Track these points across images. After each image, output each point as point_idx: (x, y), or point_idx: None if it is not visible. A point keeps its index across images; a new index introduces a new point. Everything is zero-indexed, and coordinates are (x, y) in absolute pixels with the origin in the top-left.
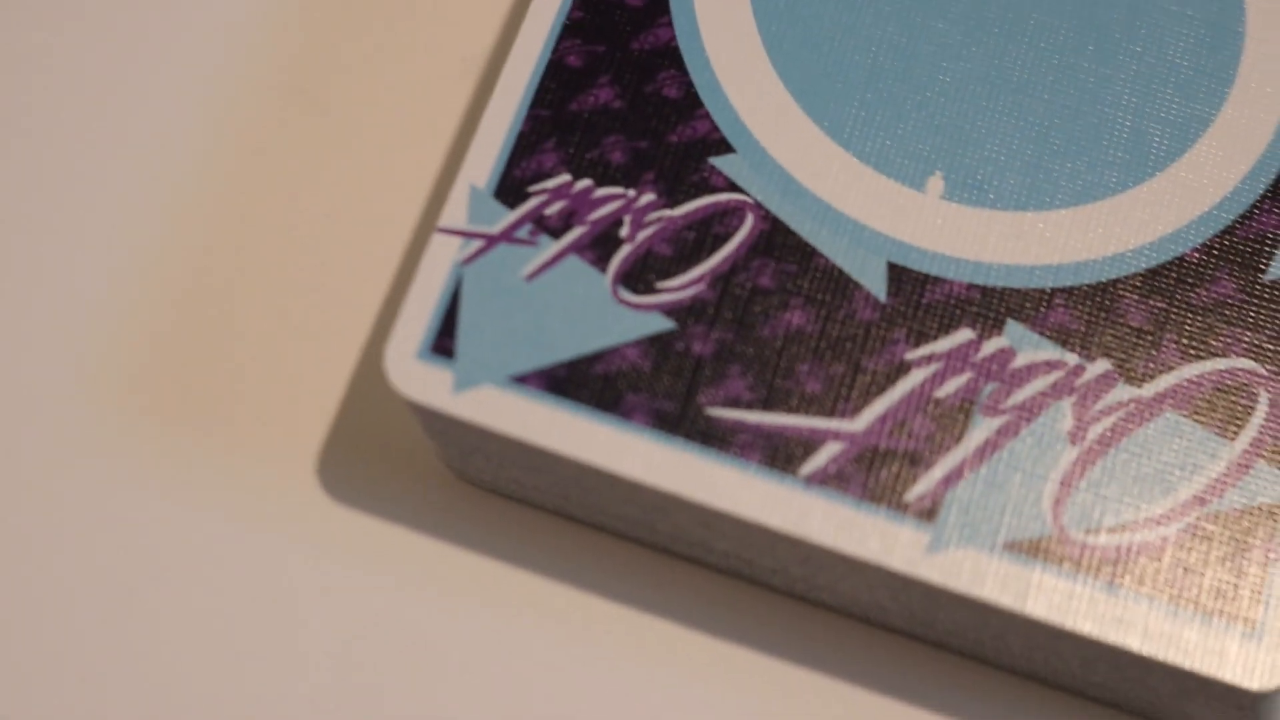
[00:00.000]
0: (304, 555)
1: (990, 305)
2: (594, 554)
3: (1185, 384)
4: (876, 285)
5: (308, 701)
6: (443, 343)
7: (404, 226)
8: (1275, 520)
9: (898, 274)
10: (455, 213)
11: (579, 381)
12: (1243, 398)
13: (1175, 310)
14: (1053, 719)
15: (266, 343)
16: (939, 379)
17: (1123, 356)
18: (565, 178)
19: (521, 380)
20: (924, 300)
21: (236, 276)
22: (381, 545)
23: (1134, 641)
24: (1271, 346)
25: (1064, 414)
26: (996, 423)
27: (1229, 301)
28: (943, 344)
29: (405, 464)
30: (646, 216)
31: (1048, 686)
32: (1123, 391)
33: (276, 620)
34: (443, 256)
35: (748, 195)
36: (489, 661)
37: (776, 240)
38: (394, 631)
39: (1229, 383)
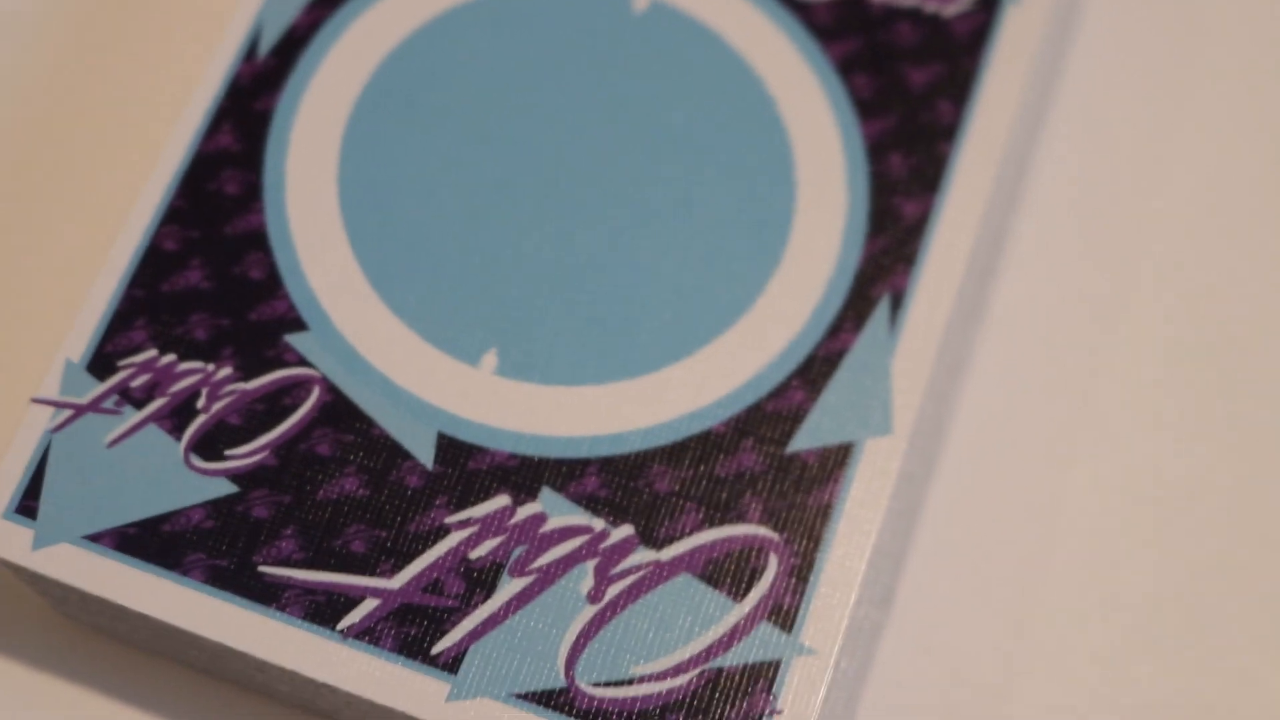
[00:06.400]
0: None
1: (528, 473)
2: (185, 691)
3: (702, 548)
4: (425, 454)
5: None
6: (27, 503)
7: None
8: (772, 676)
9: (446, 444)
10: (50, 385)
11: (147, 540)
12: (754, 561)
13: (699, 480)
14: None
15: None
16: (474, 541)
17: (645, 522)
18: (152, 352)
19: (95, 538)
20: (468, 468)
21: None
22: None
23: None
24: (786, 514)
25: (586, 575)
26: (523, 583)
27: (751, 472)
28: (480, 509)
29: (20, 608)
30: (222, 389)
31: None
32: (642, 555)
33: None
34: (36, 424)
35: (316, 370)
36: None
37: (339, 412)
38: None
39: (743, 548)
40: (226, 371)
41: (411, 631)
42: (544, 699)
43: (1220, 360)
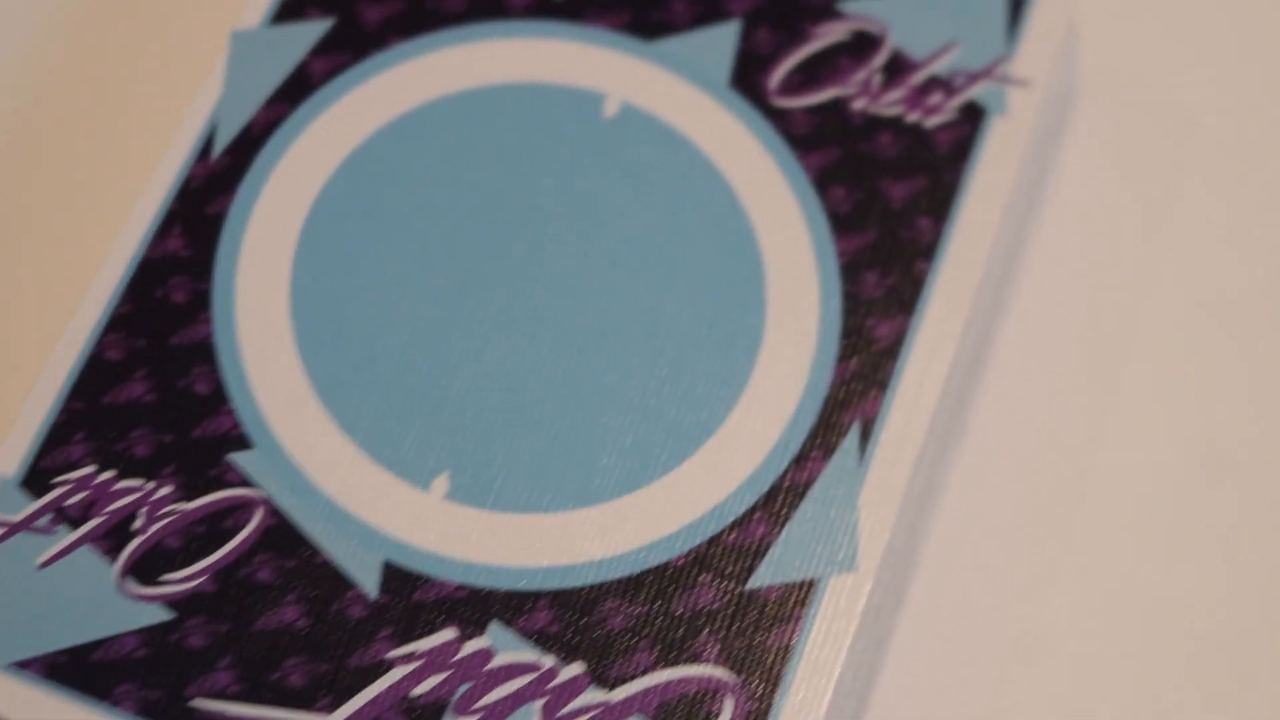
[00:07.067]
0: None
1: (476, 606)
2: None
3: (655, 689)
4: (370, 583)
5: None
6: None
7: None
8: None
9: (392, 572)
10: None
11: (76, 669)
12: (709, 705)
13: (654, 616)
14: None
15: None
16: (417, 677)
17: (597, 660)
18: (90, 469)
19: (23, 666)
20: (414, 599)
21: None
22: None
23: None
24: (744, 655)
25: (533, 715)
26: None
27: (708, 609)
28: (425, 643)
29: None
30: (161, 509)
31: None
32: (592, 695)
33: None
34: None
35: (260, 491)
36: None
37: (282, 536)
38: None
39: (697, 689)
40: (167, 490)
41: None
42: None
43: (1214, 494)
